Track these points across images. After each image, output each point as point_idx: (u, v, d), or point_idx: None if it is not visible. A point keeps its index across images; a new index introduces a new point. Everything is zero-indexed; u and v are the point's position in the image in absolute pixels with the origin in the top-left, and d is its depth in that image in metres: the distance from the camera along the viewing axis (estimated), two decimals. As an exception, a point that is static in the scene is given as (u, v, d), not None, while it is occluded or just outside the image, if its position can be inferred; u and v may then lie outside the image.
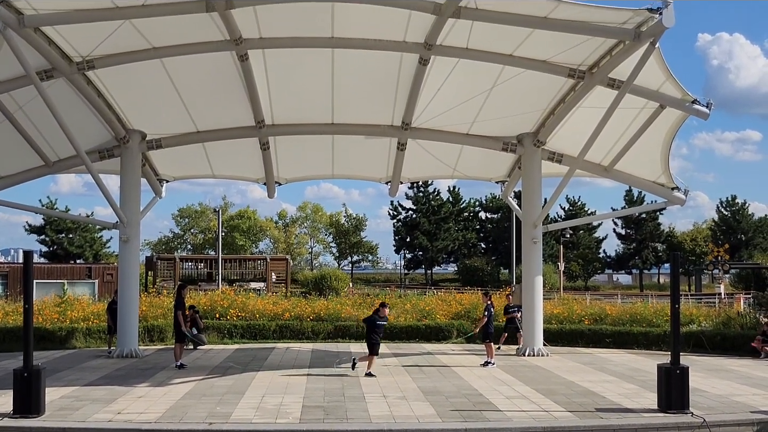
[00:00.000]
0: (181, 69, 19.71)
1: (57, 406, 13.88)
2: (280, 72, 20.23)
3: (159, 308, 27.29)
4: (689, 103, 19.35)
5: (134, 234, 22.26)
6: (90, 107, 20.52)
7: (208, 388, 16.11)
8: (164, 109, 21.76)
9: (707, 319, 26.16)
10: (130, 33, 17.74)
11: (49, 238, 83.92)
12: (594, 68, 19.54)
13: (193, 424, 12.50)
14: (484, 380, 17.47)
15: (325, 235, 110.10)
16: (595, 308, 28.82)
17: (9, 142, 20.52)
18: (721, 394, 15.56)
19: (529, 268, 23.15)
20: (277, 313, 27.83)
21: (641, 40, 17.16)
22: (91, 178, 20.66)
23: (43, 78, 18.51)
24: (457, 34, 18.28)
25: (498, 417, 13.20)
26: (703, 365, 20.12)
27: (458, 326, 26.66)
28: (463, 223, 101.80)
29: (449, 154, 24.71)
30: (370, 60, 19.52)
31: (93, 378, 17.59)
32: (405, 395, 15.35)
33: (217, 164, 25.44)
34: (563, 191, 22.98)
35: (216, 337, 25.71)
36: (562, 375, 18.42)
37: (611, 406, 14.17)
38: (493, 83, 20.46)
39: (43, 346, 22.89)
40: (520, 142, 22.99)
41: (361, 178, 28.01)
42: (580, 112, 21.05)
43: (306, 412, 13.53)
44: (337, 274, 58.96)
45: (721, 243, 74.23)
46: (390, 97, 21.31)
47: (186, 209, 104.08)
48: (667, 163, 21.75)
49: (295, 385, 16.51)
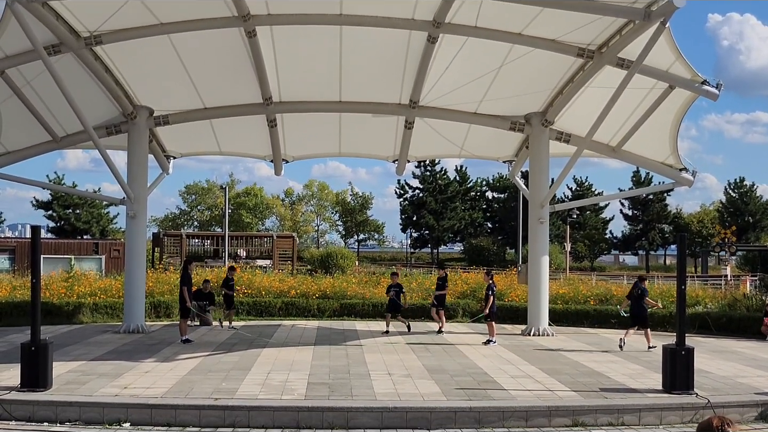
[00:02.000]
0: (188, 45, 19.67)
1: (64, 380, 13.96)
2: (287, 49, 20.17)
3: (165, 284, 27.41)
4: (699, 84, 19.25)
5: (141, 210, 22.30)
6: (97, 83, 20.50)
7: (214, 364, 16.18)
8: (172, 86, 21.73)
9: (713, 300, 26.18)
10: (137, 8, 17.69)
11: (56, 214, 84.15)
12: (603, 48, 19.45)
13: (199, 399, 12.56)
14: (489, 359, 17.52)
15: (332, 213, 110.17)
16: (601, 289, 28.84)
17: (16, 117, 20.52)
18: (725, 376, 15.57)
19: (536, 248, 23.15)
20: (283, 290, 27.91)
21: (651, 20, 17.05)
22: (99, 154, 20.68)
23: (51, 53, 18.49)
24: (466, 13, 18.18)
25: (502, 396, 13.23)
26: (708, 347, 20.13)
27: (464, 305, 26.70)
28: (469, 203, 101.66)
29: (457, 132, 24.65)
30: (379, 37, 19.44)
31: (100, 353, 17.68)
32: (410, 373, 15.39)
33: (225, 141, 25.44)
34: (570, 171, 22.95)
35: (222, 313, 25.76)
36: (567, 355, 18.46)
37: (616, 386, 14.19)
38: (502, 62, 20.38)
39: (51, 320, 23.00)
40: (527, 121, 22.92)
41: (368, 156, 28.01)
42: (589, 92, 20.97)
43: (311, 388, 13.59)
44: (343, 252, 59.03)
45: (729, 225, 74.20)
46: (398, 75, 21.24)
47: (193, 186, 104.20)
48: (676, 144, 21.67)
49: (300, 362, 16.57)
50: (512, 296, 27.14)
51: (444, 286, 23.25)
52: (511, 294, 27.31)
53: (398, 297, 22.79)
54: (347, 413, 12.13)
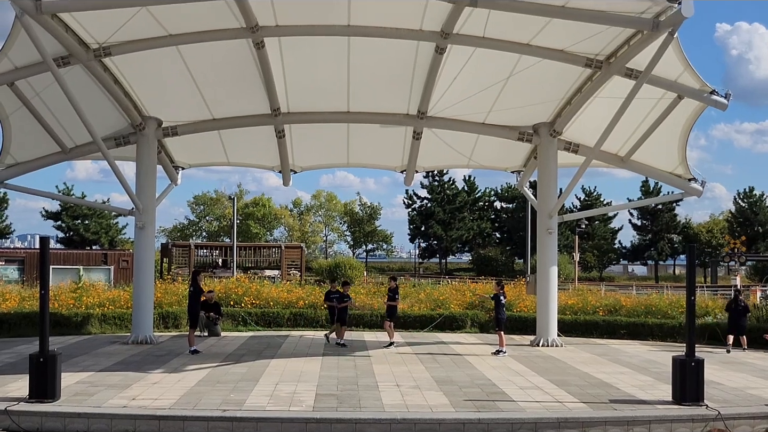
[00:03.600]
0: (197, 56, 19.72)
1: (72, 391, 13.97)
2: (295, 60, 20.21)
3: (174, 295, 27.40)
4: (707, 94, 19.22)
5: (150, 221, 22.33)
6: (106, 94, 20.57)
7: (222, 375, 16.17)
8: (180, 97, 21.79)
9: (723, 311, 26.01)
10: (146, 20, 17.75)
11: (65, 224, 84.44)
12: (611, 58, 19.43)
13: (207, 410, 12.55)
14: (498, 370, 17.46)
15: (340, 224, 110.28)
16: (609, 299, 28.74)
17: (26, 129, 20.60)
18: (736, 387, 15.49)
19: (544, 259, 23.08)
20: (291, 301, 27.90)
21: (660, 30, 17.03)
22: (108, 165, 20.73)
23: (60, 64, 18.56)
24: (474, 23, 18.20)
25: (511, 407, 13.19)
26: (718, 357, 20.03)
27: (472, 316, 26.66)
28: (478, 213, 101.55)
29: (465, 143, 24.64)
30: (386, 48, 19.46)
31: (108, 364, 17.69)
32: (418, 384, 15.36)
33: (233, 152, 25.49)
34: (579, 181, 22.91)
35: (230, 324, 25.80)
36: (576, 366, 18.39)
37: (625, 398, 14.13)
38: (510, 72, 20.38)
39: (59, 331, 23.03)
40: (536, 131, 22.91)
41: (376, 166, 28.00)
42: (597, 102, 20.95)
43: (319, 400, 13.56)
44: (351, 262, 59.10)
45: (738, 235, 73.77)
46: (406, 86, 21.26)
47: (201, 196, 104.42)
48: (685, 153, 21.63)
49: (308, 373, 16.54)
50: (521, 306, 27.06)
51: (395, 297, 22.42)
52: (520, 304, 27.23)
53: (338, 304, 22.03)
54: (355, 425, 12.12)
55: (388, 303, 22.44)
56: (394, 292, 22.42)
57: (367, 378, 16.08)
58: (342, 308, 22.09)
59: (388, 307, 22.46)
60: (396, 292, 22.52)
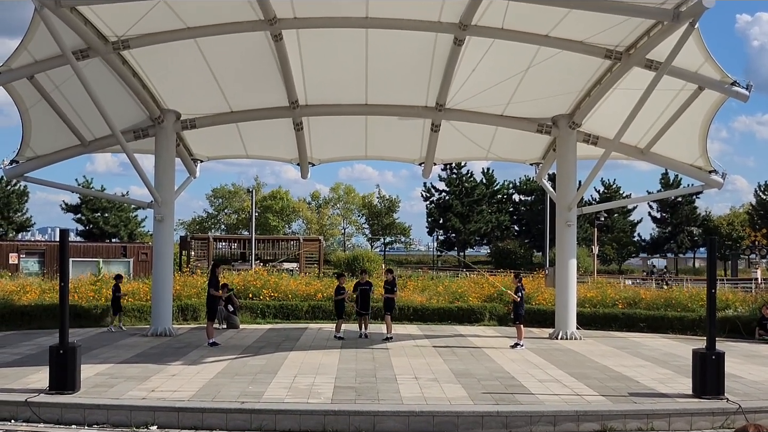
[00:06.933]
0: (215, 49, 19.75)
1: (92, 383, 14.05)
2: (313, 52, 20.20)
3: (193, 287, 27.49)
4: (728, 85, 19.05)
5: (169, 213, 22.42)
6: (125, 87, 20.64)
7: (240, 367, 16.21)
8: (198, 90, 21.83)
9: (743, 304, 25.81)
10: (164, 13, 17.79)
11: (84, 217, 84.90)
12: (631, 49, 19.29)
13: (225, 402, 12.59)
14: (517, 363, 17.41)
15: (358, 217, 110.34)
16: (629, 292, 28.59)
17: (46, 122, 20.71)
18: (757, 381, 15.36)
19: (563, 252, 22.99)
20: (310, 293, 27.93)
21: (680, 21, 16.88)
22: (127, 158, 20.81)
23: (79, 57, 18.63)
24: (493, 14, 18.11)
25: (530, 400, 13.15)
26: (738, 351, 19.87)
27: (491, 309, 26.59)
28: (496, 206, 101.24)
29: (483, 135, 24.55)
30: (405, 40, 19.41)
31: (128, 356, 17.78)
32: (437, 377, 15.33)
33: (251, 144, 25.53)
34: (598, 174, 22.78)
35: (249, 316, 25.86)
36: (596, 359, 18.30)
37: (645, 391, 14.05)
38: (529, 64, 20.27)
39: (79, 323, 23.15)
40: (555, 123, 22.78)
41: (394, 159, 27.98)
42: (617, 94, 20.81)
43: (337, 392, 13.57)
44: (369, 255, 59.10)
45: (759, 227, 73.35)
46: (424, 78, 21.20)
47: (220, 189, 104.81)
48: (705, 145, 21.46)
49: (327, 366, 16.56)
50: (539, 299, 26.96)
51: (392, 290, 22.39)
52: (539, 297, 27.13)
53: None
54: (374, 417, 12.11)
55: (386, 296, 22.37)
56: (391, 285, 22.38)
57: (385, 370, 16.08)
58: (390, 298, 22.20)
59: (385, 300, 22.36)
60: (393, 285, 22.47)
